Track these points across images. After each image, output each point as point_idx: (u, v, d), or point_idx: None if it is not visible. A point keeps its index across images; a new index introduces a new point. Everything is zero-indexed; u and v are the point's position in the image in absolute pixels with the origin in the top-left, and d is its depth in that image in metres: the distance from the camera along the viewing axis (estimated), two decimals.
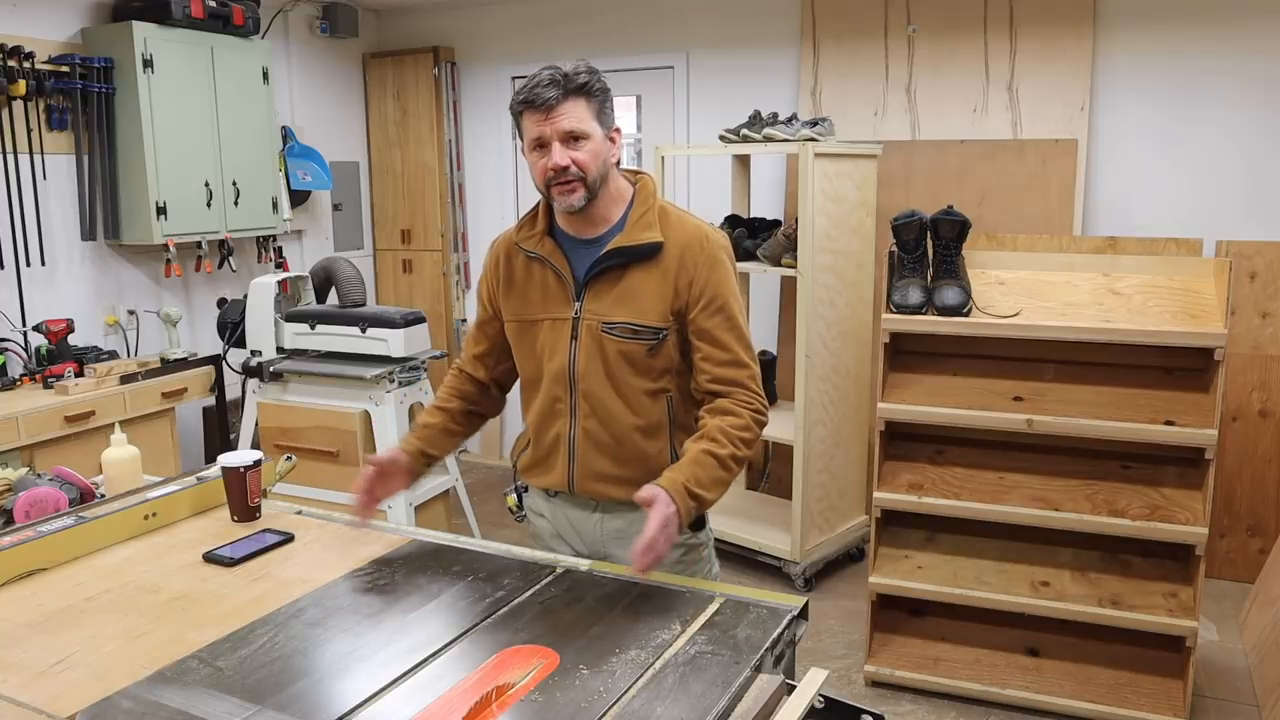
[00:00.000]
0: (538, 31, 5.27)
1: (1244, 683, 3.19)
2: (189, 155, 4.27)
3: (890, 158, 4.25)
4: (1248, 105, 3.89)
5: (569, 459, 1.84)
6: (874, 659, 3.18)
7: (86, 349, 4.01)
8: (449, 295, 5.65)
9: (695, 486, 1.64)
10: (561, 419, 1.83)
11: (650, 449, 1.81)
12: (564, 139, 1.67)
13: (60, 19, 4.06)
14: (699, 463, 1.67)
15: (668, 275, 1.75)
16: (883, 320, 3.08)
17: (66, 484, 2.06)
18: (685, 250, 1.75)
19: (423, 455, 1.94)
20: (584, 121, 1.68)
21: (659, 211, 1.79)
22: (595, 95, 1.70)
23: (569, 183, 1.69)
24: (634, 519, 1.81)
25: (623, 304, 1.76)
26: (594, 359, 1.78)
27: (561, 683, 1.32)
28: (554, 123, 1.66)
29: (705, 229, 1.80)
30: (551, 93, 1.65)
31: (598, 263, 1.77)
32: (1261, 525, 3.94)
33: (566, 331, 1.80)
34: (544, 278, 1.82)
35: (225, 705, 1.27)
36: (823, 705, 1.37)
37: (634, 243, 1.75)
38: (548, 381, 1.83)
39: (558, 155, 1.68)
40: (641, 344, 1.76)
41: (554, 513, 1.94)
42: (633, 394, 1.79)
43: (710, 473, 1.67)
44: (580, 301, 1.78)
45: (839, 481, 4.03)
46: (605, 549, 1.89)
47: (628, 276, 1.76)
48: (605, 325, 1.76)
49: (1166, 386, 2.95)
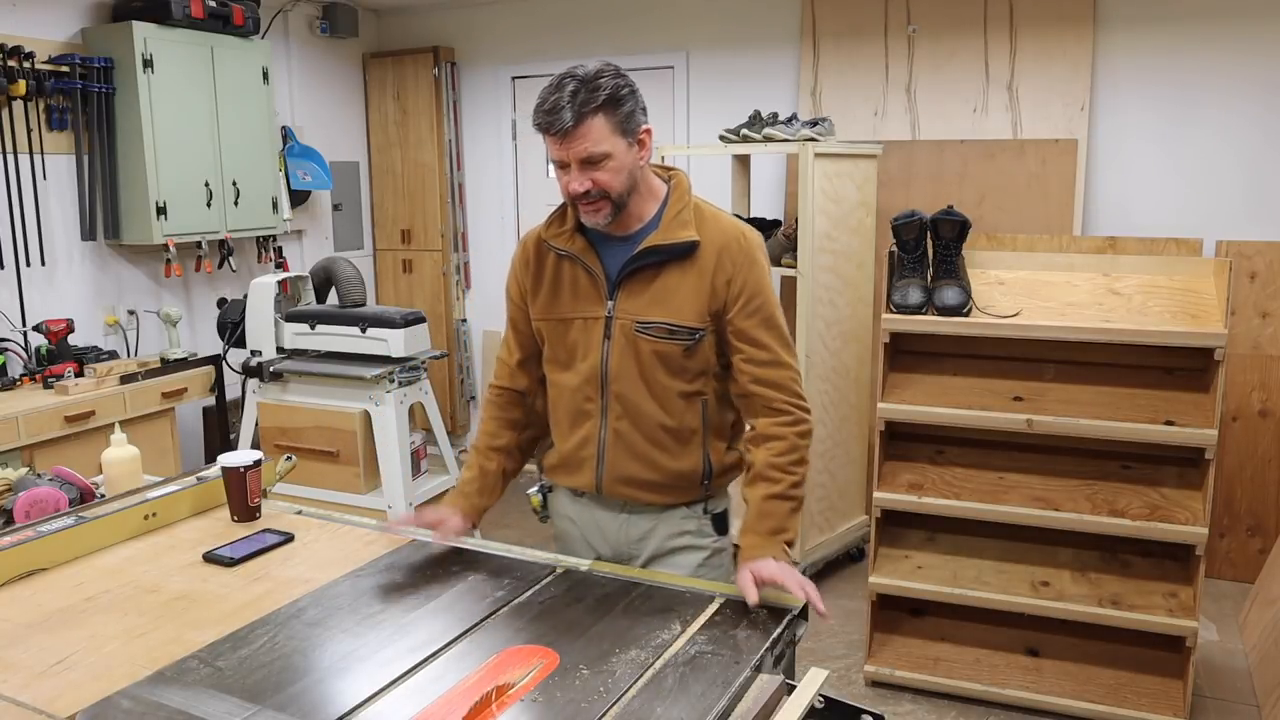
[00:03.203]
0: (538, 31, 5.27)
1: (1244, 683, 3.19)
2: (189, 155, 4.27)
3: (890, 158, 4.25)
4: (1248, 105, 3.89)
5: (598, 460, 1.81)
6: (874, 659, 3.18)
7: (86, 349, 4.00)
8: (449, 295, 5.64)
9: (776, 534, 1.66)
10: (591, 420, 1.80)
11: (682, 452, 1.79)
12: (582, 163, 1.62)
13: (60, 19, 4.06)
14: (765, 514, 1.67)
15: (705, 275, 1.71)
16: (883, 320, 3.08)
17: (66, 484, 2.06)
18: (723, 249, 1.71)
19: (484, 511, 1.89)
20: (603, 142, 1.61)
21: (694, 209, 1.74)
22: (616, 107, 1.61)
23: (593, 202, 1.66)
24: (660, 521, 1.84)
25: (658, 303, 1.72)
26: (627, 359, 1.74)
27: (561, 683, 1.32)
28: (571, 147, 1.61)
29: (742, 227, 1.76)
30: (566, 116, 1.58)
31: (631, 261, 1.72)
32: (1261, 525, 3.94)
33: (599, 331, 1.76)
34: (575, 275, 1.78)
35: (225, 705, 1.27)
36: (823, 705, 1.37)
37: (669, 241, 1.70)
38: (578, 381, 1.79)
39: (576, 182, 1.63)
40: (678, 344, 1.72)
41: (580, 514, 1.91)
42: (666, 395, 1.75)
43: (779, 514, 1.67)
44: (613, 300, 1.74)
45: (839, 481, 4.03)
46: (630, 550, 1.87)
47: (663, 275, 1.72)
48: (640, 325, 1.72)
49: (1166, 386, 2.95)
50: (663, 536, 1.85)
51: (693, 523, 1.84)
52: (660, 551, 1.85)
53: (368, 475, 3.89)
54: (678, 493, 1.83)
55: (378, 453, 3.84)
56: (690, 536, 1.84)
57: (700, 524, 1.85)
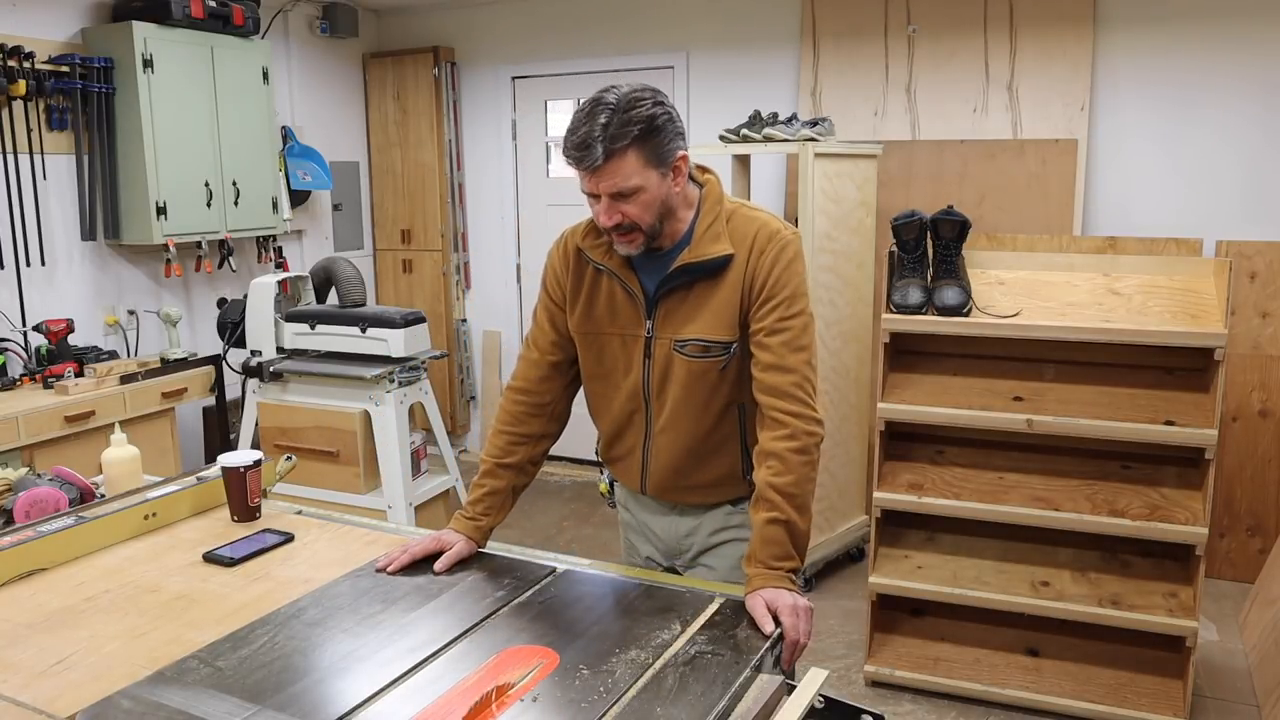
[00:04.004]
0: (538, 31, 5.27)
1: (1244, 683, 3.19)
2: (189, 155, 4.27)
3: (890, 158, 4.25)
4: (1248, 105, 3.89)
5: (642, 466, 1.84)
6: (874, 659, 3.18)
7: (86, 349, 4.00)
8: (449, 295, 5.64)
9: (780, 561, 1.59)
10: (637, 430, 1.82)
11: (721, 456, 1.80)
12: (613, 196, 1.59)
13: (60, 19, 4.06)
14: (768, 540, 1.60)
15: (736, 284, 1.68)
16: (883, 320, 3.08)
17: (66, 484, 2.06)
18: (751, 252, 1.68)
19: (491, 531, 1.82)
20: (633, 177, 1.57)
21: (727, 217, 1.70)
22: (650, 138, 1.57)
23: (626, 234, 1.64)
24: (704, 519, 1.86)
25: (693, 319, 1.70)
26: (668, 377, 1.74)
27: (561, 683, 1.32)
28: (600, 182, 1.58)
29: (775, 225, 1.71)
30: (597, 152, 1.54)
31: (666, 281, 1.70)
32: (1261, 525, 3.94)
33: (639, 350, 1.75)
34: (612, 291, 1.76)
35: (225, 705, 1.26)
36: (823, 705, 1.37)
37: (701, 258, 1.67)
38: (620, 396, 1.80)
39: (605, 215, 1.62)
40: (712, 360, 1.71)
41: (635, 508, 1.96)
42: (705, 408, 1.75)
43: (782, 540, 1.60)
44: (652, 320, 1.73)
45: (839, 481, 4.03)
46: (680, 545, 1.90)
47: (697, 289, 1.70)
48: (677, 343, 1.72)
49: (1166, 386, 2.95)
50: (708, 531, 1.87)
51: (737, 518, 1.85)
52: (707, 546, 1.88)
53: (368, 475, 3.89)
54: (721, 490, 1.85)
55: (378, 453, 3.84)
56: (735, 529, 1.86)
57: (744, 519, 1.83)
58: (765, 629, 1.48)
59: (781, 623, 1.49)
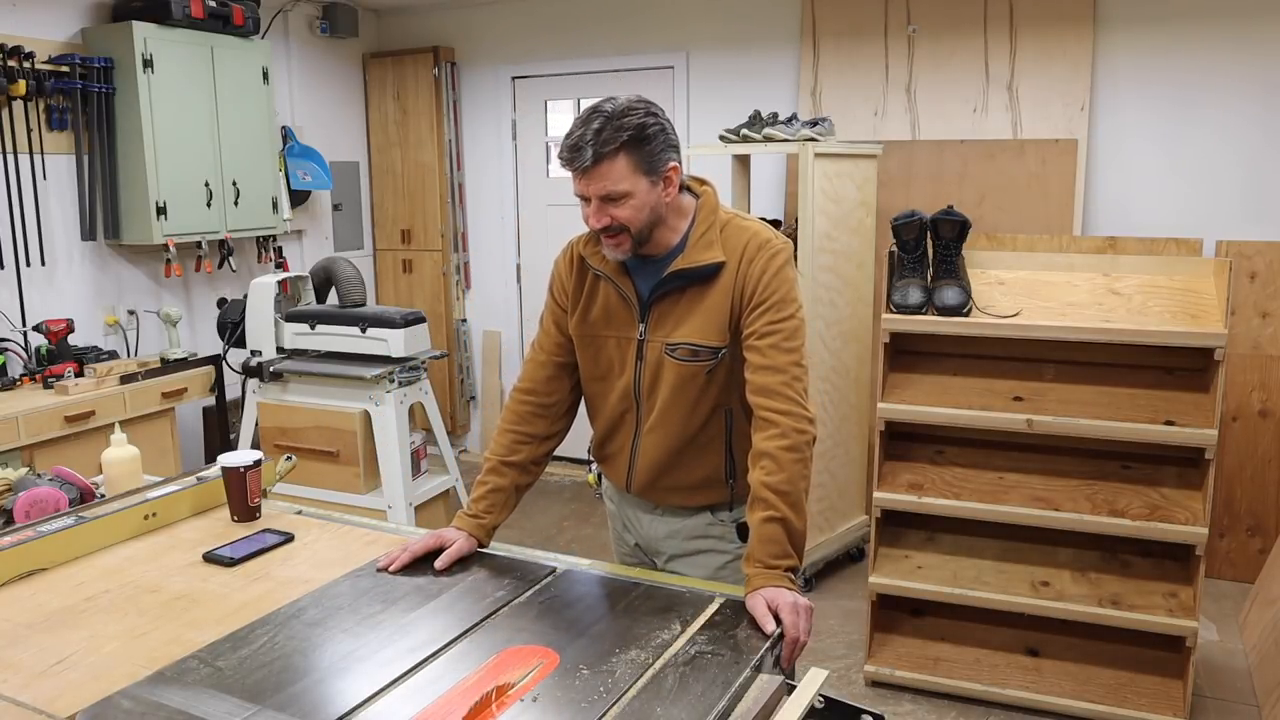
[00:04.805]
0: (538, 31, 5.27)
1: (1244, 683, 3.19)
2: (189, 155, 4.27)
3: (890, 158, 4.25)
4: (1248, 105, 3.89)
5: (629, 464, 1.87)
6: (874, 659, 3.18)
7: (86, 349, 4.00)
8: (449, 295, 5.64)
9: (778, 560, 1.59)
10: (627, 429, 1.86)
11: (706, 456, 1.82)
12: (602, 199, 1.64)
13: (60, 19, 4.06)
14: (765, 539, 1.61)
15: (726, 290, 1.72)
16: (883, 320, 3.08)
17: (66, 484, 2.06)
18: (742, 260, 1.72)
19: (494, 529, 1.83)
20: (622, 181, 1.62)
21: (720, 226, 1.75)
22: (640, 145, 1.62)
23: (613, 236, 1.68)
24: (685, 524, 1.88)
25: (684, 324, 1.75)
26: (658, 379, 1.78)
27: (561, 683, 1.32)
28: (590, 184, 1.64)
29: (766, 235, 1.76)
30: (587, 155, 1.60)
31: (659, 286, 1.75)
32: (1261, 525, 3.94)
33: (632, 352, 1.80)
34: (608, 295, 1.81)
35: (225, 705, 1.26)
36: (823, 705, 1.37)
37: (693, 264, 1.72)
38: (613, 395, 1.84)
39: (594, 217, 1.66)
40: (700, 365, 1.74)
41: (620, 502, 1.99)
42: (693, 410, 1.78)
43: (779, 539, 1.61)
44: (644, 324, 1.78)
45: (839, 481, 4.03)
46: (656, 546, 1.92)
47: (689, 295, 1.75)
48: (668, 347, 1.76)
49: (1166, 386, 2.95)
50: (685, 537, 1.89)
51: (717, 528, 1.87)
52: (682, 552, 1.89)
53: (368, 475, 3.89)
54: (703, 494, 1.86)
55: (378, 453, 3.84)
56: (713, 540, 1.87)
57: (724, 530, 1.87)
58: (766, 628, 1.48)
59: (782, 621, 1.50)
